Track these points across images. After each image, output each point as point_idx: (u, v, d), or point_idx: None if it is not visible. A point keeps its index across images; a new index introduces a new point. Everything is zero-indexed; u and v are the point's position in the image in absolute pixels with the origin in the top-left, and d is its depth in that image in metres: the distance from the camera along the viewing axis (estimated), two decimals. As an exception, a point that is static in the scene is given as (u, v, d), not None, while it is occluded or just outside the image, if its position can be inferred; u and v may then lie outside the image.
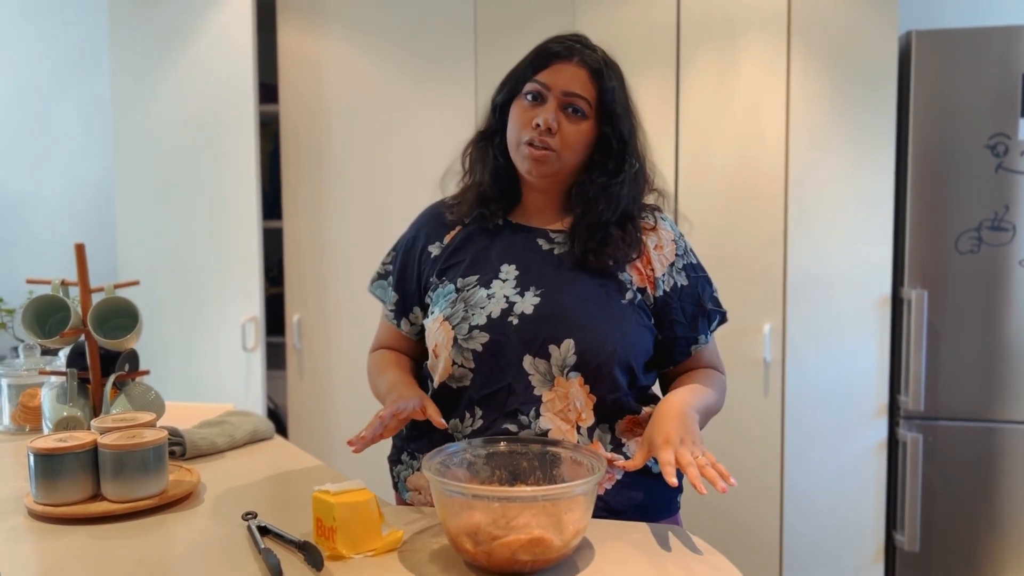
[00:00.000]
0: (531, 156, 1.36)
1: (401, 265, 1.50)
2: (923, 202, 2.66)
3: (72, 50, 3.46)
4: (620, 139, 1.38)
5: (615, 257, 1.37)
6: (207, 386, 2.96)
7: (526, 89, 1.38)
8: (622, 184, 1.38)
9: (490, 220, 1.43)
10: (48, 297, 1.67)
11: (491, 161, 1.43)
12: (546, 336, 1.32)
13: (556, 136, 1.35)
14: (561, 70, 1.36)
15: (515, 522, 1.07)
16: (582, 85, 1.36)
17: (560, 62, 1.37)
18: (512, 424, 1.33)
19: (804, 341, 2.73)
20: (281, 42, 2.97)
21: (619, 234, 1.38)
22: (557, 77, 1.36)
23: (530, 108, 1.37)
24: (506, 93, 1.42)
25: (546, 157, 1.36)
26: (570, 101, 1.36)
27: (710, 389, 1.40)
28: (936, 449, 2.69)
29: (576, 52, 1.37)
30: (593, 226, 1.38)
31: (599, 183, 1.38)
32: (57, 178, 3.49)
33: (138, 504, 1.32)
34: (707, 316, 1.44)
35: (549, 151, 1.35)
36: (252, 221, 2.89)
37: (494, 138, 1.44)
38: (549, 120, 1.34)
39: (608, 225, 1.37)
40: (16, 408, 1.82)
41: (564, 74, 1.36)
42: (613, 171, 1.38)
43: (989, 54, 2.59)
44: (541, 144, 1.35)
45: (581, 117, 1.36)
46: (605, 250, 1.37)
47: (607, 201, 1.37)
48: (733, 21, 2.70)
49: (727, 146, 2.73)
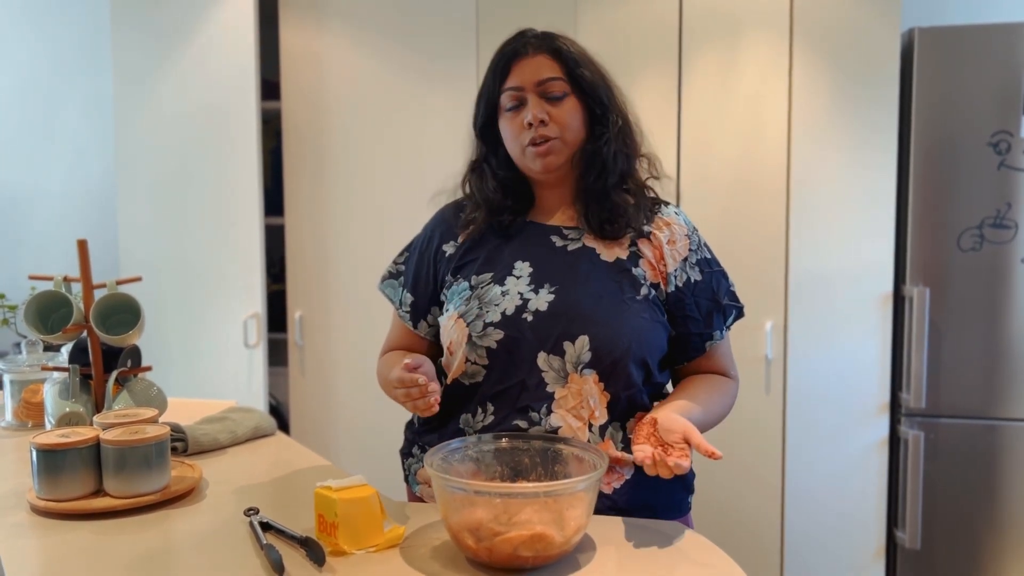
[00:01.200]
0: (537, 153, 1.37)
1: (416, 266, 1.50)
2: (925, 199, 2.66)
3: (74, 47, 3.46)
4: (599, 103, 1.40)
5: (630, 223, 1.38)
6: (209, 382, 2.96)
7: (503, 103, 1.40)
8: (608, 142, 1.39)
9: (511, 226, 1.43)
10: (50, 293, 1.67)
11: (491, 179, 1.44)
12: (560, 333, 1.32)
13: (550, 124, 1.36)
14: (523, 66, 1.38)
15: (517, 518, 1.08)
16: (549, 68, 1.38)
17: (518, 60, 1.39)
18: (522, 420, 1.33)
19: (806, 338, 2.73)
20: (283, 39, 2.97)
21: (625, 197, 1.39)
22: (523, 74, 1.38)
23: (514, 116, 1.39)
24: (484, 114, 1.44)
25: (551, 148, 1.37)
26: (545, 88, 1.37)
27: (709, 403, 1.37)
28: (937, 447, 2.69)
29: (527, 44, 1.40)
30: (600, 193, 1.39)
31: (589, 149, 1.40)
32: (59, 175, 3.50)
33: (140, 500, 1.33)
34: (723, 311, 1.43)
35: (551, 140, 1.36)
36: (254, 217, 2.90)
37: (489, 161, 1.45)
38: (537, 114, 1.36)
39: (612, 189, 1.39)
40: (18, 404, 1.82)
41: (528, 68, 1.38)
42: (599, 135, 1.40)
43: (992, 51, 2.58)
44: (542, 138, 1.36)
45: (563, 97, 1.38)
46: (618, 218, 1.38)
47: (602, 163, 1.39)
48: (735, 18, 2.70)
49: (729, 143, 2.73)
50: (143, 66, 2.95)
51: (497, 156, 1.44)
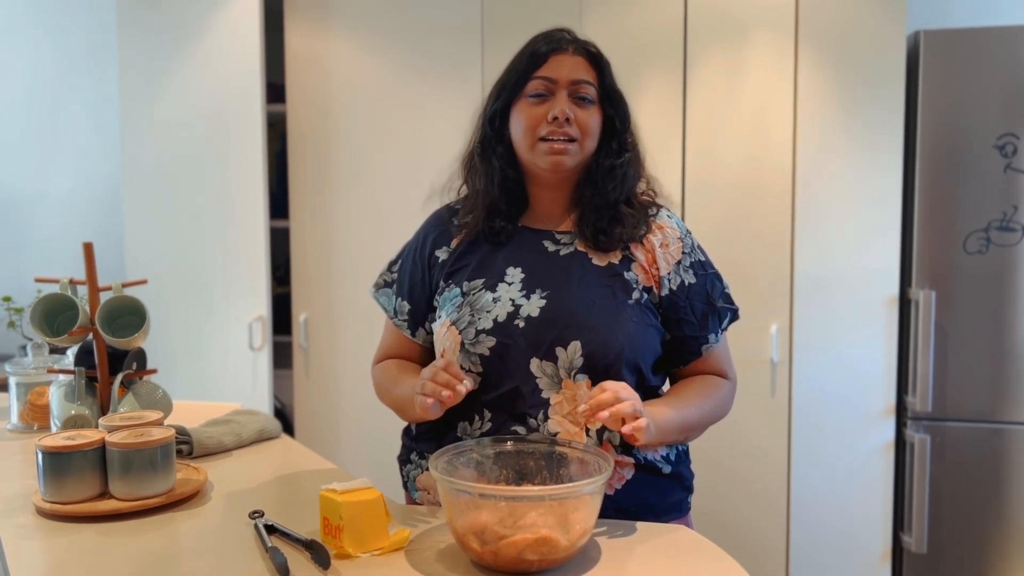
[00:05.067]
0: (552, 150, 1.35)
1: (410, 273, 1.49)
2: (931, 202, 2.65)
3: (80, 50, 3.47)
4: (623, 119, 1.41)
5: (624, 236, 1.38)
6: (214, 385, 2.96)
7: (529, 89, 1.37)
8: (628, 163, 1.40)
9: (502, 233, 1.42)
10: (56, 296, 1.68)
11: (497, 172, 1.42)
12: (553, 338, 1.32)
13: (574, 125, 1.36)
14: (562, 61, 1.37)
15: (522, 521, 1.07)
16: (585, 71, 1.38)
17: (558, 54, 1.38)
18: (521, 427, 1.33)
19: (811, 341, 2.72)
20: (288, 42, 2.97)
21: (627, 211, 1.39)
22: (560, 68, 1.37)
23: (537, 105, 1.37)
24: (504, 99, 1.41)
25: (567, 149, 1.36)
26: (578, 89, 1.37)
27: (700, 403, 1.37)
28: (944, 450, 2.68)
29: (569, 42, 1.40)
30: (602, 207, 1.38)
31: (606, 164, 1.39)
32: (65, 177, 3.51)
33: (145, 502, 1.33)
34: (717, 314, 1.43)
35: (570, 142, 1.36)
36: (259, 220, 2.90)
37: (495, 148, 1.42)
38: (567, 111, 1.35)
39: (617, 204, 1.39)
40: (24, 406, 1.83)
41: (566, 64, 1.37)
42: (617, 151, 1.40)
43: (997, 54, 2.58)
44: (562, 136, 1.35)
45: (590, 103, 1.38)
46: (615, 230, 1.38)
47: (615, 181, 1.39)
48: (741, 21, 2.70)
49: (734, 146, 2.73)
50: (149, 69, 2.95)
51: (503, 146, 1.42)
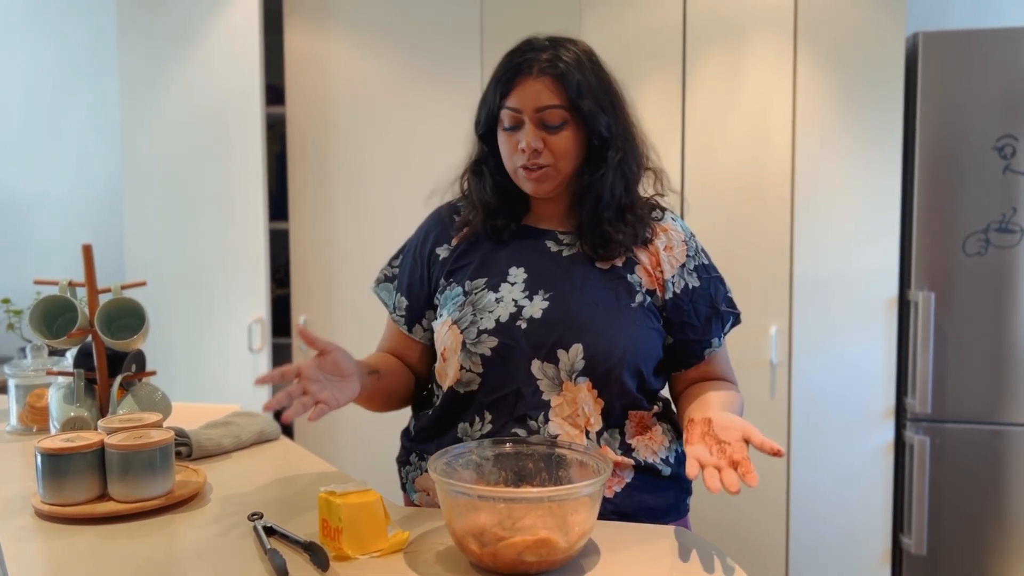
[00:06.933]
0: (529, 179, 1.36)
1: (410, 269, 1.49)
2: (930, 204, 2.65)
3: (80, 52, 3.47)
4: (598, 135, 1.35)
5: (625, 243, 1.37)
6: (213, 387, 2.96)
7: (501, 119, 1.36)
8: (603, 177, 1.36)
9: (504, 231, 1.42)
10: (55, 298, 1.67)
11: (490, 181, 1.42)
12: (555, 341, 1.32)
13: (543, 153, 1.33)
14: (525, 88, 1.33)
15: (521, 523, 1.07)
16: (549, 95, 1.32)
17: (522, 79, 1.33)
18: (521, 429, 1.33)
19: (811, 343, 2.73)
20: (288, 44, 2.98)
21: (620, 227, 1.37)
22: (524, 97, 1.33)
23: (512, 135, 1.36)
24: (484, 123, 1.40)
25: (543, 176, 1.35)
26: (542, 116, 1.33)
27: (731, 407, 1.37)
28: (943, 452, 2.68)
29: (534, 63, 1.34)
30: (592, 224, 1.37)
31: (584, 181, 1.37)
32: (65, 179, 3.51)
33: (144, 504, 1.32)
34: (721, 318, 1.42)
35: (544, 168, 1.34)
36: (259, 222, 2.90)
37: (488, 162, 1.43)
38: (532, 143, 1.32)
39: (606, 221, 1.36)
40: (23, 408, 1.83)
41: (529, 91, 1.33)
42: (596, 167, 1.37)
43: (996, 55, 2.58)
44: (534, 166, 1.34)
45: (561, 126, 1.34)
46: (611, 246, 1.36)
47: (597, 197, 1.36)
48: (740, 22, 2.70)
49: (734, 147, 2.73)
50: (149, 71, 2.96)
51: (496, 159, 1.42)
